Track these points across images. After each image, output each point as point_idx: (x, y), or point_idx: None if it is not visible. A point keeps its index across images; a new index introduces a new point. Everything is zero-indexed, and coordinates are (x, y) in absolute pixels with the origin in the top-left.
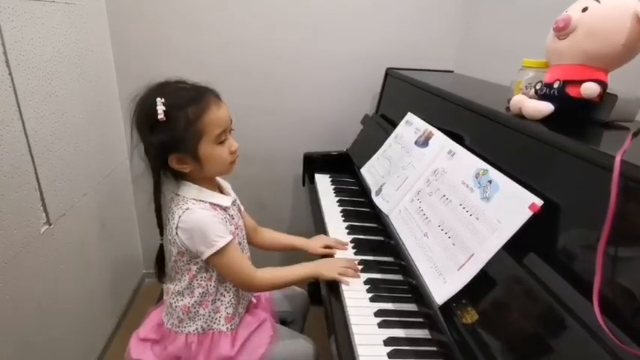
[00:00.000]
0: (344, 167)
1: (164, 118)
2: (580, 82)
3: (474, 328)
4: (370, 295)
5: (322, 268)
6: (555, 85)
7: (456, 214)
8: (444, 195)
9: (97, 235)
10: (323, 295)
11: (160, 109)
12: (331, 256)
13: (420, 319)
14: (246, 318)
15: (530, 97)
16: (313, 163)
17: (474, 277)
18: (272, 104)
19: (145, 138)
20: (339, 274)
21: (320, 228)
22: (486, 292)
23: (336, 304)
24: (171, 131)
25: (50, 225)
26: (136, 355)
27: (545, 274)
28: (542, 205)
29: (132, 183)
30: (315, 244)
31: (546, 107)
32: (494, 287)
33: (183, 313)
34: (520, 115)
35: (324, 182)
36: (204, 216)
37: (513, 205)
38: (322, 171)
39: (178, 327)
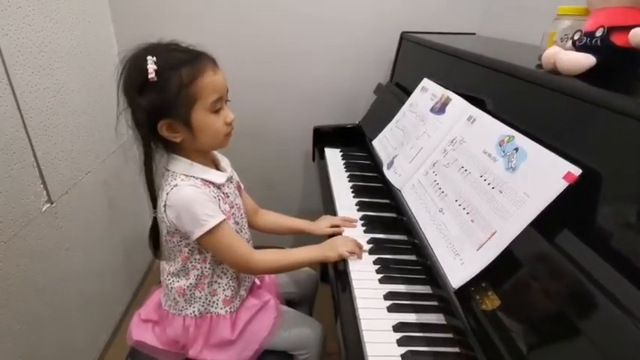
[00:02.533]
0: (356, 141)
1: (155, 78)
2: (628, 28)
3: (495, 315)
4: (380, 276)
5: (328, 251)
6: (598, 33)
7: (476, 187)
8: (462, 166)
9: (104, 214)
10: (330, 275)
11: (151, 67)
12: (339, 234)
13: (434, 303)
14: (248, 300)
15: (567, 50)
16: (323, 137)
17: (496, 258)
18: (279, 76)
19: (133, 101)
20: (347, 251)
21: (329, 205)
22: (510, 275)
23: (342, 285)
24: (163, 93)
25: (52, 203)
26: (136, 336)
27: (582, 255)
28: (579, 175)
29: (139, 159)
30: (321, 225)
31: (587, 59)
32: (519, 269)
33: (178, 295)
34: (554, 71)
35: (334, 157)
36: (193, 193)
37: (545, 175)
38: (333, 145)
39: (175, 309)
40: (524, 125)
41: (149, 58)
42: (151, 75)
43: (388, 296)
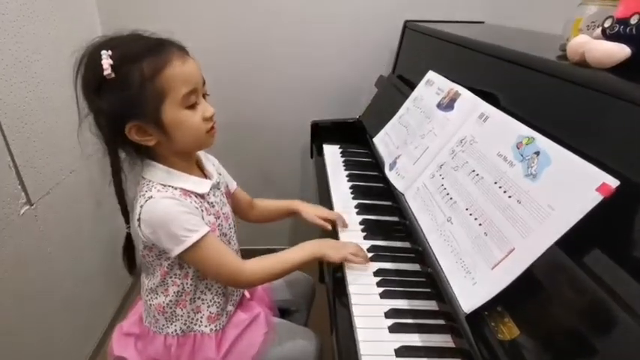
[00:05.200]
0: (356, 136)
1: (112, 75)
2: None
3: (513, 345)
4: (381, 290)
5: (327, 248)
6: (633, 21)
7: (490, 194)
8: (473, 170)
9: (90, 215)
10: (327, 284)
11: (106, 62)
12: (332, 235)
13: (441, 322)
14: (236, 315)
15: (595, 39)
16: (322, 133)
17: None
18: (276, 68)
19: (93, 104)
20: (349, 255)
21: (326, 207)
22: (530, 300)
23: (339, 299)
24: (124, 91)
25: (32, 205)
26: (118, 351)
27: (616, 278)
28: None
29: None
30: (311, 209)
31: (621, 50)
32: (541, 294)
33: (158, 313)
34: (581, 63)
35: (333, 154)
36: (170, 207)
37: (573, 185)
38: (332, 141)
39: (156, 327)
40: (546, 125)
41: (103, 52)
42: (107, 71)
43: (390, 314)
